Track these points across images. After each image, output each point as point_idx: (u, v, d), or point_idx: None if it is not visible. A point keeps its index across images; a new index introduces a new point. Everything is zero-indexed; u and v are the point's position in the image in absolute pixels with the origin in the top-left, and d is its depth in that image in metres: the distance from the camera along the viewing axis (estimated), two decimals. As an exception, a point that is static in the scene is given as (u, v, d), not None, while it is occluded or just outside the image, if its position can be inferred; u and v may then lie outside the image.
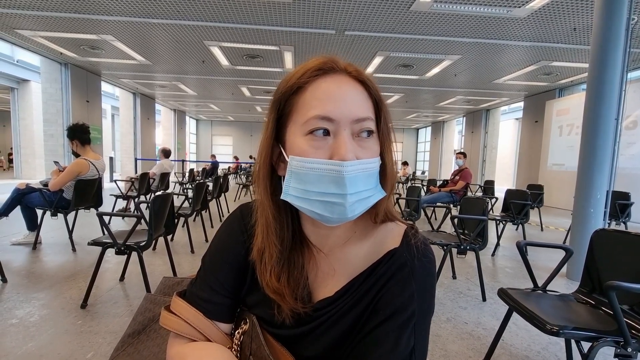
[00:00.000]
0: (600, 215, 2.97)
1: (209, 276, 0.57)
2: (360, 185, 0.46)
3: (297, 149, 0.47)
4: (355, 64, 0.51)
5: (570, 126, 7.83)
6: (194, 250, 3.43)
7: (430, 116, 14.72)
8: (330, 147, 0.46)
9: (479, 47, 5.74)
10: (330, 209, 0.46)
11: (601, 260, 1.56)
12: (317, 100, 0.47)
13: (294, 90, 0.49)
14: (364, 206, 0.48)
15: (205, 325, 0.54)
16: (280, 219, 0.52)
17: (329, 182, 0.45)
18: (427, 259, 0.50)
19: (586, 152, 2.98)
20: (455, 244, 2.48)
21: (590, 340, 1.22)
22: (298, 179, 0.47)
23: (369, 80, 0.50)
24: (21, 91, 11.30)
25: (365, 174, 0.47)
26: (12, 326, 1.87)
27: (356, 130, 0.47)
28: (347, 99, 0.47)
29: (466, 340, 1.90)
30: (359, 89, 0.49)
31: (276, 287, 0.51)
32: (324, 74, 0.48)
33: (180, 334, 0.53)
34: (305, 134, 0.47)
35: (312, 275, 0.55)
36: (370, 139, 0.48)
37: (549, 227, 5.62)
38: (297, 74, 0.49)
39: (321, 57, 0.50)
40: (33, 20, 5.27)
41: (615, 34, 2.84)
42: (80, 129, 3.39)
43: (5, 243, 3.33)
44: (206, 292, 0.55)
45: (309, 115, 0.46)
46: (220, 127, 20.03)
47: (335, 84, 0.48)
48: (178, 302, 0.56)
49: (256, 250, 0.53)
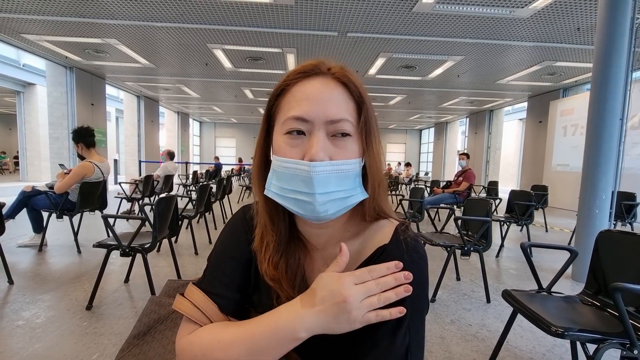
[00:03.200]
0: (606, 216, 2.95)
1: (218, 272, 0.57)
2: (331, 186, 0.47)
3: (277, 148, 0.50)
4: (355, 66, 0.51)
5: (575, 126, 7.77)
6: (197, 252, 3.45)
7: (433, 117, 14.68)
8: (304, 145, 0.48)
9: (482, 47, 5.73)
10: (302, 206, 0.48)
11: (607, 261, 1.55)
12: (296, 101, 0.49)
13: (279, 91, 0.52)
14: (340, 206, 0.49)
15: (219, 318, 0.54)
16: (273, 214, 0.54)
17: (300, 181, 0.47)
18: (417, 254, 0.50)
19: (591, 153, 2.96)
20: (459, 246, 2.47)
21: (596, 342, 1.21)
22: (277, 176, 0.50)
23: (350, 81, 0.50)
24: (27, 95, 11.41)
25: (338, 175, 0.48)
26: (19, 327, 1.88)
27: (331, 131, 0.48)
28: (323, 101, 0.48)
29: (470, 342, 1.89)
30: (339, 90, 0.50)
31: (273, 275, 0.53)
32: (306, 76, 0.50)
33: (192, 319, 0.53)
34: (284, 133, 0.49)
35: (308, 271, 0.56)
36: (347, 139, 0.49)
37: (554, 228, 5.58)
38: (285, 76, 0.52)
39: (310, 60, 0.52)
40: (39, 24, 5.33)
41: (620, 34, 2.83)
42: (85, 132, 3.42)
43: (11, 245, 3.36)
44: (217, 287, 0.56)
45: (287, 116, 0.49)
46: (224, 129, 20.11)
47: (314, 86, 0.49)
48: (194, 290, 0.56)
49: (257, 241, 0.56)
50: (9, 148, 17.34)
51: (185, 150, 15.78)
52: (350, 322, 0.44)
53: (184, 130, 15.78)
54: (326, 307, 0.45)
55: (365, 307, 0.44)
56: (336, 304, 0.44)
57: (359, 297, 0.44)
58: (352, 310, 0.44)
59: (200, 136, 19.99)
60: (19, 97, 11.41)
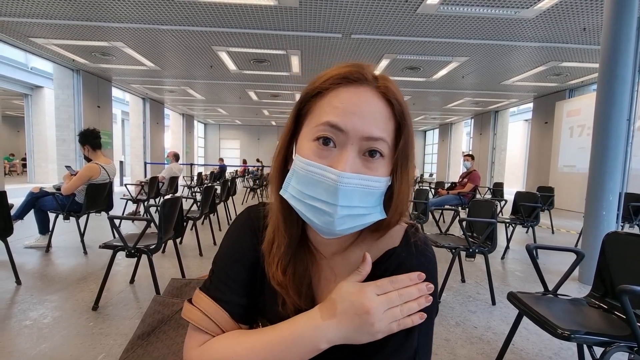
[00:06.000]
0: (613, 218, 2.92)
1: (225, 277, 0.55)
2: (354, 201, 0.45)
3: (303, 152, 0.47)
4: (389, 77, 0.48)
5: (582, 127, 7.70)
6: (202, 253, 3.46)
7: (437, 118, 14.62)
8: (333, 158, 0.45)
9: (487, 48, 5.70)
10: (319, 216, 0.45)
11: (614, 263, 1.53)
12: (333, 107, 0.45)
13: (314, 93, 0.48)
14: (356, 223, 0.47)
15: (230, 326, 0.53)
16: (287, 216, 0.52)
17: (323, 189, 0.44)
18: (425, 257, 0.50)
19: (598, 154, 2.93)
20: (463, 247, 2.45)
21: (603, 345, 1.20)
22: (298, 179, 0.47)
23: (395, 99, 0.47)
24: (35, 97, 11.57)
25: (363, 190, 0.45)
26: (26, 327, 1.91)
27: (364, 148, 0.45)
28: (364, 114, 0.45)
29: (476, 345, 1.88)
30: (381, 106, 0.46)
31: (281, 280, 0.51)
32: (348, 82, 0.46)
33: (201, 328, 0.52)
34: (313, 139, 0.46)
35: (315, 280, 0.54)
36: (378, 161, 0.46)
37: (560, 229, 5.53)
38: (323, 77, 0.48)
39: (350, 65, 0.48)
40: (46, 28, 5.40)
41: (626, 33, 2.80)
42: (91, 134, 3.46)
43: (18, 246, 3.40)
44: (226, 294, 0.54)
45: (321, 121, 0.45)
46: (228, 131, 20.20)
47: (356, 95, 0.46)
48: (202, 297, 0.54)
49: (266, 242, 0.54)
50: (17, 150, 17.58)
51: (190, 151, 15.88)
52: (372, 334, 0.43)
53: (189, 132, 15.88)
54: (348, 319, 0.44)
55: (388, 319, 0.43)
56: (358, 316, 0.43)
57: (381, 308, 0.43)
58: (375, 323, 0.43)
59: (204, 138, 20.10)
60: (26, 99, 11.58)
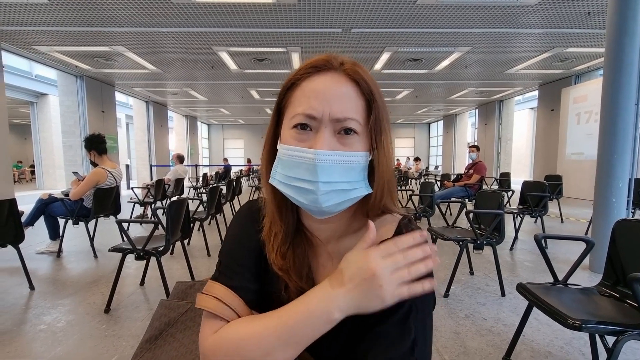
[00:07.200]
0: (623, 205, 2.87)
1: (234, 265, 0.56)
2: (335, 176, 0.48)
3: (285, 139, 0.51)
4: (360, 62, 0.51)
5: (589, 113, 7.56)
6: (210, 254, 3.49)
7: (441, 110, 14.48)
8: (311, 140, 0.48)
9: (489, 37, 5.62)
10: (305, 195, 0.48)
11: (624, 251, 1.51)
12: (305, 97, 0.49)
13: (289, 85, 0.52)
14: (342, 198, 0.49)
15: (244, 311, 0.53)
16: (281, 204, 0.54)
17: (304, 169, 0.48)
18: None
19: (606, 140, 2.88)
20: (471, 239, 2.43)
21: (615, 334, 1.18)
22: (282, 164, 0.51)
23: (361, 78, 0.50)
24: (40, 105, 11.70)
25: (342, 165, 0.48)
26: (41, 332, 1.94)
27: (337, 129, 0.49)
28: (332, 97, 0.48)
29: (486, 337, 1.87)
30: (349, 88, 0.49)
31: (282, 264, 0.54)
32: (317, 71, 0.50)
33: (219, 315, 0.51)
34: (291, 128, 0.50)
35: (313, 264, 0.56)
36: (352, 137, 0.49)
37: (570, 218, 5.46)
38: (296, 70, 0.52)
39: (321, 55, 0.51)
40: (49, 35, 5.44)
41: (632, 16, 2.74)
42: (96, 139, 3.49)
43: (31, 252, 3.46)
44: (237, 280, 0.54)
45: (296, 112, 0.49)
46: (232, 131, 20.26)
47: (324, 82, 0.49)
48: (215, 286, 0.54)
49: (266, 230, 0.56)
50: (25, 157, 17.83)
51: (194, 153, 15.96)
52: (382, 298, 0.43)
53: (193, 134, 15.95)
54: (356, 285, 0.44)
55: (396, 281, 0.43)
56: (365, 280, 0.43)
57: (387, 270, 0.43)
58: (383, 285, 0.42)
59: (208, 138, 20.19)
60: (32, 107, 11.72)
